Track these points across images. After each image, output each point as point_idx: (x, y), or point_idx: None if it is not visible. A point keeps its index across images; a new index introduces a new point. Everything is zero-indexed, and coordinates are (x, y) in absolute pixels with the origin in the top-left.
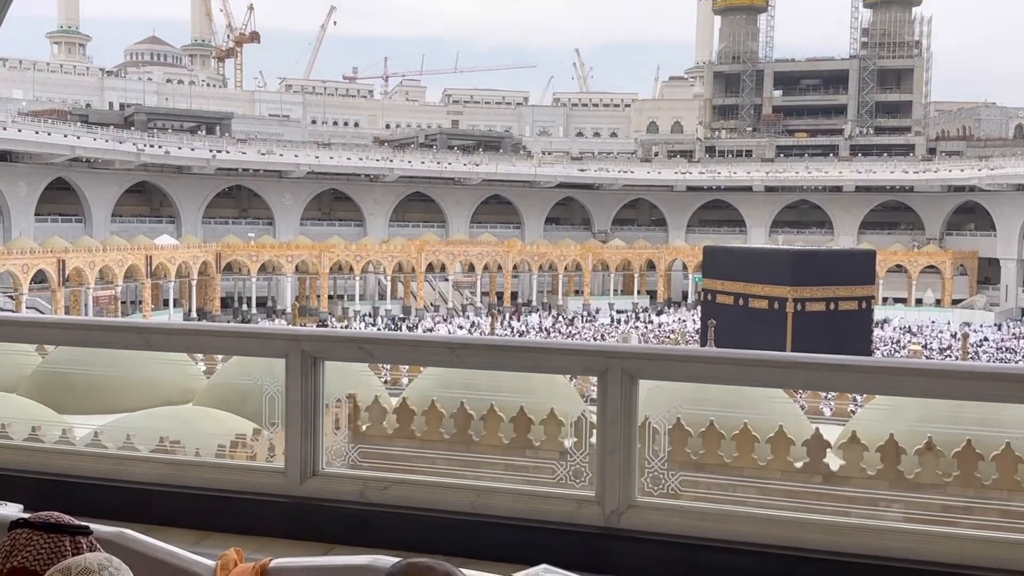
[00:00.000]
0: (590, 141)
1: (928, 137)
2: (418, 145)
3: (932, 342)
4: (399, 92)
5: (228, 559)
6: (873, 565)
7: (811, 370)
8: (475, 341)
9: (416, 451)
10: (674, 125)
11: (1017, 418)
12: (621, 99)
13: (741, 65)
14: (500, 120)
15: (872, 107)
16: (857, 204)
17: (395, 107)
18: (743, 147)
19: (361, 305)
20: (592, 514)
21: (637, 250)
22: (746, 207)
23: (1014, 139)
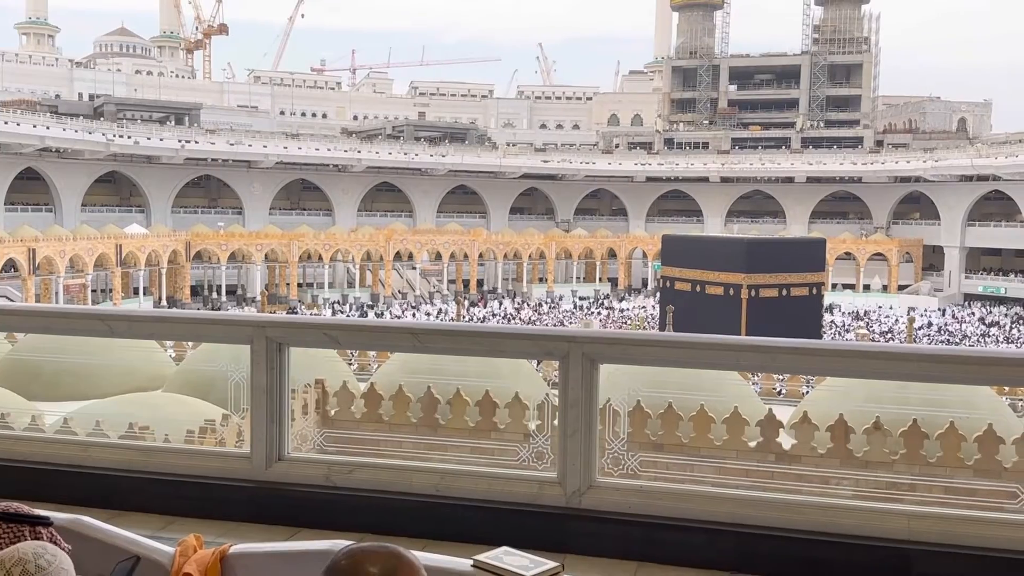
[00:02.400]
0: (553, 133)
1: (876, 130)
2: (385, 136)
3: (875, 326)
4: (366, 84)
5: (187, 545)
6: (824, 541)
7: (764, 353)
8: (438, 327)
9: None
10: (634, 118)
11: (960, 398)
12: (583, 92)
13: (698, 60)
14: (466, 112)
15: (823, 101)
16: (808, 194)
17: (363, 99)
18: (700, 139)
19: (330, 293)
20: (554, 495)
21: (599, 239)
22: (703, 197)
23: (957, 132)
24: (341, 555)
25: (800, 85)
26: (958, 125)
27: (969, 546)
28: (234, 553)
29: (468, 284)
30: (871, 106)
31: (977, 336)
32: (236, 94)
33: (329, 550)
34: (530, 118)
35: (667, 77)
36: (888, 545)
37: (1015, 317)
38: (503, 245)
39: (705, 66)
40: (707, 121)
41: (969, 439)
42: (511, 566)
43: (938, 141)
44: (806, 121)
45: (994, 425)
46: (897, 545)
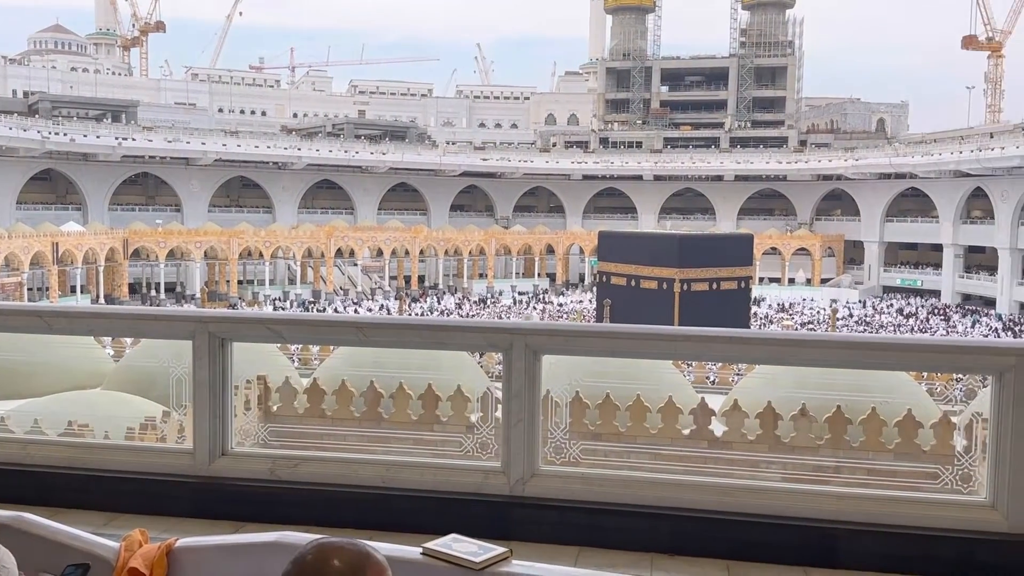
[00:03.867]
0: (492, 132)
1: (800, 130)
2: (326, 134)
3: (799, 317)
4: (306, 82)
5: (132, 540)
6: (754, 522)
7: (699, 343)
8: (382, 320)
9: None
10: (570, 117)
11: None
12: (521, 92)
13: (631, 62)
14: (405, 111)
15: (750, 102)
16: (736, 192)
17: (302, 97)
18: (634, 139)
19: (271, 290)
20: (498, 484)
21: (537, 235)
22: (637, 195)
23: (876, 132)
24: (308, 548)
25: (728, 87)
26: (877, 125)
27: (892, 524)
28: (180, 547)
29: (409, 280)
30: (795, 107)
31: (893, 326)
32: (174, 91)
33: (277, 542)
34: (469, 117)
35: (602, 78)
36: (815, 526)
37: (931, 308)
38: (444, 242)
39: (638, 68)
40: (640, 121)
41: (890, 424)
42: (460, 552)
43: (858, 141)
44: (734, 122)
45: (913, 410)
46: (824, 526)
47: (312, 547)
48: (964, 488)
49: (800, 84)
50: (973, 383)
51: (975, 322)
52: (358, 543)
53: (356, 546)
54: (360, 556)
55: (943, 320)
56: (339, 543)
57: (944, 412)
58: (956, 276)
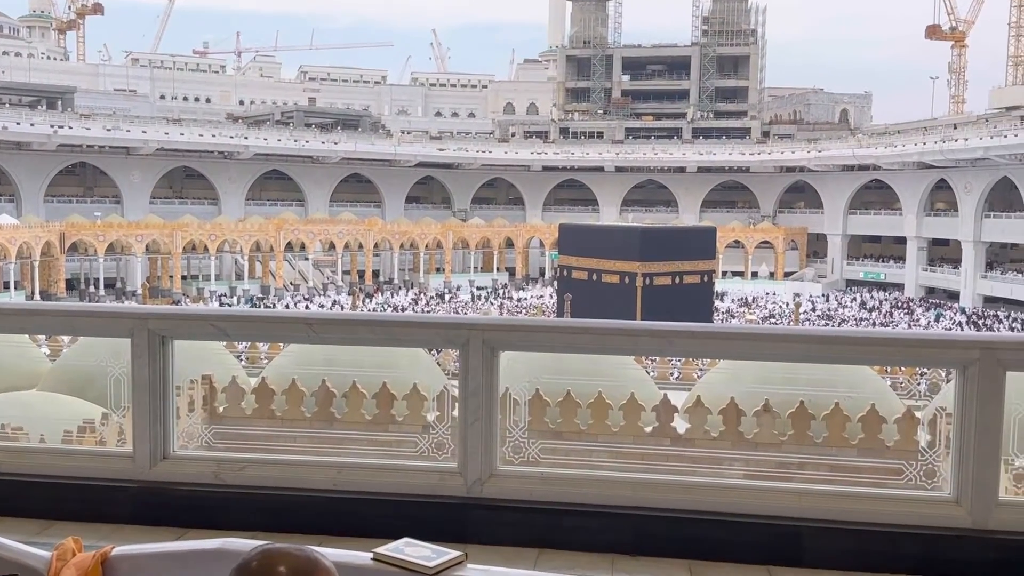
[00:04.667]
0: (448, 121)
1: (763, 121)
2: (274, 122)
3: (760, 311)
4: (253, 68)
5: (65, 549)
6: (717, 521)
7: (661, 337)
8: (334, 316)
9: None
10: (529, 106)
11: (845, 379)
12: (478, 80)
13: (592, 50)
14: (358, 99)
15: (712, 92)
16: (699, 184)
17: (249, 83)
18: (595, 129)
19: (217, 285)
20: (455, 485)
21: (496, 228)
22: (598, 186)
23: (839, 123)
24: (253, 555)
25: (690, 76)
26: (840, 116)
27: (855, 521)
28: (116, 556)
29: (363, 275)
30: (758, 97)
31: (856, 320)
32: (113, 77)
33: (220, 549)
34: (425, 105)
35: (561, 66)
36: (778, 523)
37: (894, 301)
38: (399, 235)
39: (599, 56)
40: (601, 111)
41: (854, 419)
42: (413, 557)
43: (821, 132)
44: (696, 112)
45: (876, 405)
46: (787, 523)
47: (257, 553)
48: (928, 484)
49: (763, 74)
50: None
51: (939, 316)
52: (305, 549)
53: (303, 552)
54: (307, 562)
55: (907, 314)
56: (285, 549)
57: (908, 407)
58: (919, 269)
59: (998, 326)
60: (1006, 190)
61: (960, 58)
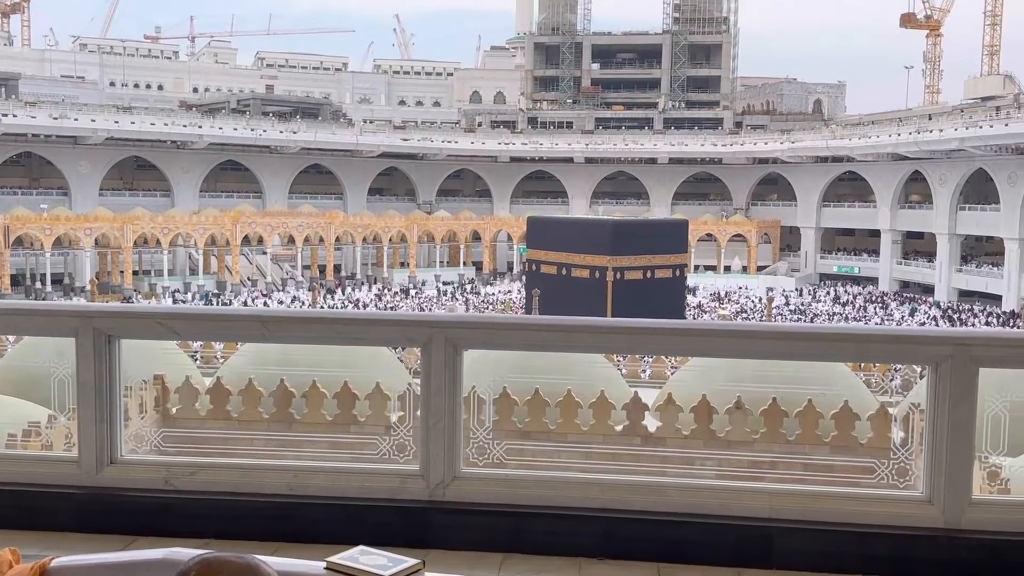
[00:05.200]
0: (413, 110)
1: (735, 111)
2: (230, 110)
3: (733, 306)
4: (207, 54)
5: (1, 560)
6: (687, 522)
7: (630, 334)
8: (289, 314)
9: (232, 433)
10: (497, 95)
11: (818, 376)
12: (443, 68)
13: (560, 37)
14: (318, 86)
15: (684, 81)
16: (671, 176)
17: (203, 70)
18: (564, 119)
19: (171, 281)
20: (416, 488)
21: (462, 221)
22: (567, 178)
23: (813, 113)
24: (193, 564)
25: (662, 65)
26: (814, 107)
27: (827, 521)
28: (56, 567)
29: (324, 270)
30: (730, 87)
31: (829, 315)
32: (60, 63)
33: (166, 559)
34: (388, 94)
35: (529, 54)
36: (750, 524)
37: (868, 295)
38: (361, 228)
39: (568, 43)
40: (571, 100)
41: (826, 416)
42: (367, 566)
43: (795, 123)
44: (668, 101)
45: (850, 402)
46: (758, 524)
47: (196, 562)
48: (900, 482)
49: (735, 63)
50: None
51: (913, 310)
52: (246, 557)
53: (243, 560)
54: (248, 570)
55: (881, 308)
56: (225, 558)
57: (882, 403)
58: (894, 263)
59: (973, 321)
60: (981, 182)
61: (935, 47)
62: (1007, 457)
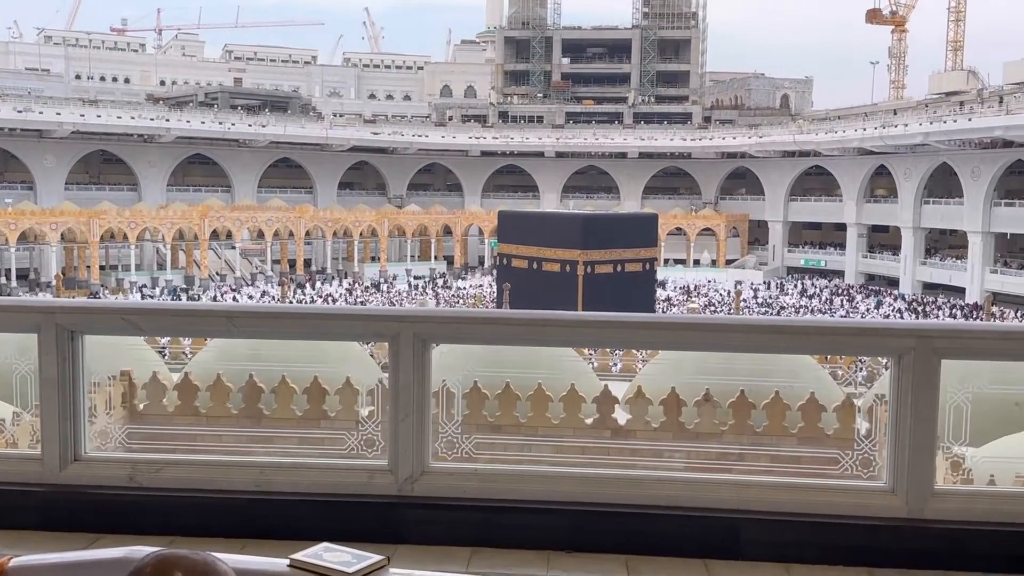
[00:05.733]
0: (383, 104)
1: (704, 106)
2: (198, 104)
3: (700, 299)
4: (174, 46)
5: None
6: (656, 515)
7: (597, 328)
8: (255, 309)
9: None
10: (467, 89)
11: (784, 367)
12: (414, 61)
13: (531, 31)
14: (287, 79)
15: (653, 76)
16: (641, 170)
17: (171, 62)
18: (534, 113)
19: (138, 276)
20: (385, 483)
21: (433, 215)
22: (538, 172)
23: (780, 108)
24: (147, 560)
25: (631, 60)
26: (781, 101)
27: (793, 512)
28: (14, 566)
29: (294, 264)
30: (699, 82)
31: (796, 308)
32: (24, 55)
33: (126, 558)
34: (358, 87)
35: (500, 48)
36: (719, 515)
37: (834, 288)
38: (332, 222)
39: (538, 38)
40: (541, 94)
41: (793, 408)
42: (331, 563)
43: (762, 117)
44: (637, 96)
45: (816, 393)
46: (725, 515)
47: (151, 559)
48: (864, 473)
49: (704, 58)
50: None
51: (879, 303)
52: (202, 554)
53: (199, 557)
54: (203, 567)
55: (847, 301)
56: (181, 555)
57: (847, 395)
58: (859, 256)
59: (937, 313)
60: (945, 176)
61: (900, 43)
62: (970, 447)
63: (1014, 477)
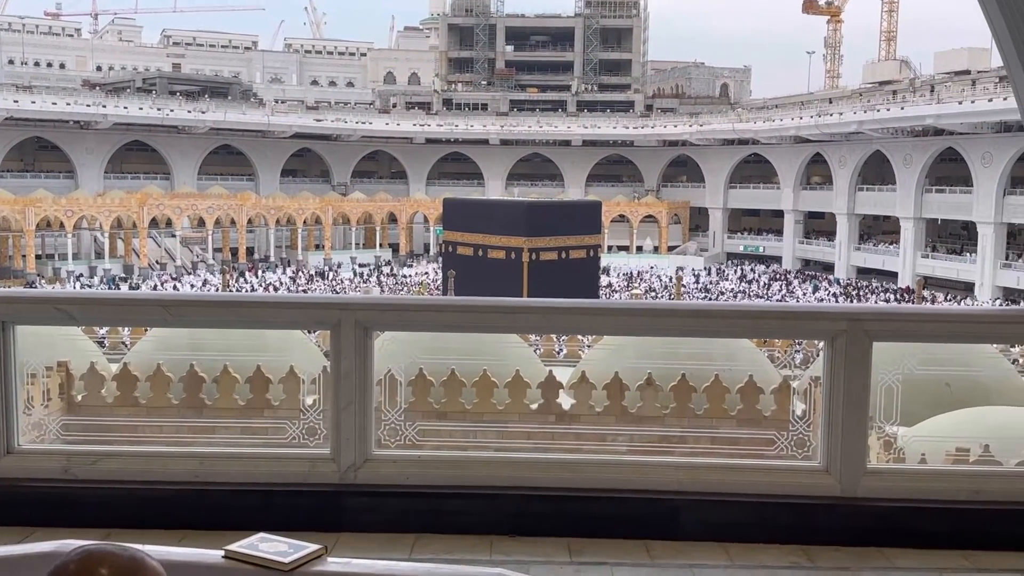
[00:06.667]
0: (326, 90)
1: (646, 95)
2: (135, 90)
3: (643, 285)
4: (111, 31)
5: None
6: (598, 498)
7: (539, 314)
8: (191, 298)
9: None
10: (411, 76)
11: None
12: (357, 48)
13: (474, 18)
14: (227, 65)
15: (596, 64)
16: (584, 158)
17: (107, 48)
18: (479, 100)
19: (76, 265)
20: (327, 472)
21: (378, 203)
22: (483, 160)
23: (720, 97)
24: (72, 556)
25: (575, 48)
26: (721, 90)
27: (731, 493)
28: None
29: (237, 252)
30: (641, 71)
31: (735, 293)
32: None
33: (55, 552)
34: (300, 73)
35: (443, 35)
36: (659, 498)
37: (772, 274)
38: (275, 210)
39: (481, 25)
40: (485, 82)
41: (732, 391)
42: (267, 553)
43: (703, 106)
44: (581, 84)
45: (754, 376)
46: (666, 497)
47: (75, 556)
48: (799, 453)
49: (646, 47)
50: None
51: (815, 287)
52: (130, 549)
53: (126, 552)
54: (130, 562)
55: (784, 285)
56: (107, 549)
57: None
58: (796, 242)
59: (871, 297)
60: (878, 164)
61: (836, 33)
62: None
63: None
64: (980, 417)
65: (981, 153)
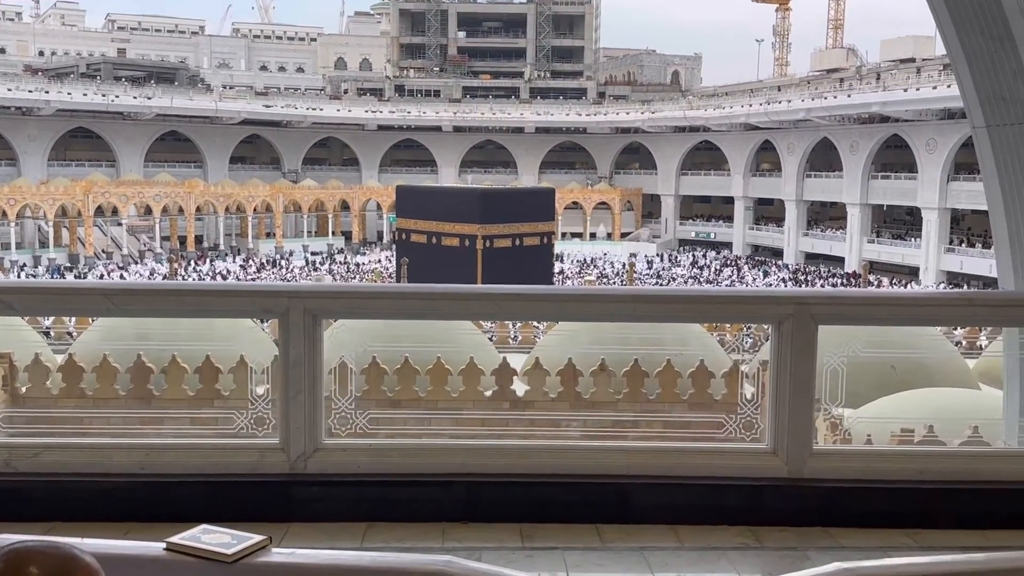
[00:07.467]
0: (275, 76)
1: (598, 82)
2: (79, 75)
3: (596, 272)
4: (53, 15)
5: None
6: (551, 482)
7: (491, 300)
8: (134, 286)
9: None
10: (362, 62)
11: (675, 336)
12: (307, 33)
13: (426, 4)
14: (174, 50)
15: (549, 51)
16: (537, 145)
17: (49, 32)
18: (431, 87)
19: (19, 254)
20: (276, 462)
21: (330, 190)
22: (436, 147)
23: (671, 85)
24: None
25: (527, 35)
26: (672, 78)
27: (681, 476)
28: None
29: (185, 241)
30: (593, 58)
31: (686, 279)
32: None
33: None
34: (249, 59)
35: (395, 20)
36: (612, 482)
37: (723, 260)
38: (224, 197)
39: (433, 11)
40: (438, 68)
41: (684, 375)
42: (210, 545)
43: (654, 93)
44: (533, 71)
45: (705, 360)
46: (617, 481)
47: (4, 553)
48: (747, 435)
49: (598, 34)
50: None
51: (765, 273)
52: (62, 546)
53: (59, 549)
54: (63, 560)
55: (735, 271)
56: (38, 546)
57: (734, 362)
58: (746, 228)
59: (819, 282)
60: (826, 151)
61: (784, 21)
62: (847, 409)
63: (890, 436)
64: (924, 398)
65: (925, 140)
